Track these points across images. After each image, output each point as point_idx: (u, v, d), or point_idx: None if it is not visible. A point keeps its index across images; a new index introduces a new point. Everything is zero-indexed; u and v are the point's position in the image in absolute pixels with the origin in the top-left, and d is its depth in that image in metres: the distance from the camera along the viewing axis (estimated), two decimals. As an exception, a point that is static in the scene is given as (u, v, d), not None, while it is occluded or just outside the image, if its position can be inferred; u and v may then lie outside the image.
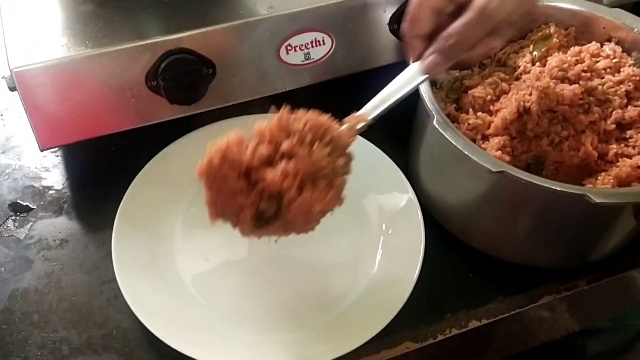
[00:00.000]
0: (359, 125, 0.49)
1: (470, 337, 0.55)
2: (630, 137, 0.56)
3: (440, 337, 0.53)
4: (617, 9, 0.63)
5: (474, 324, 0.54)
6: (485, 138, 0.56)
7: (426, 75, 0.50)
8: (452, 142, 0.49)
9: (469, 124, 0.56)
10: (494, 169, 0.47)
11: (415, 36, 0.49)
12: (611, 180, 0.52)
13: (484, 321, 0.54)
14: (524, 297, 0.56)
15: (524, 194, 0.50)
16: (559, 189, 0.46)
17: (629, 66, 0.59)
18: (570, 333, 0.85)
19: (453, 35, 0.47)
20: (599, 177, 0.53)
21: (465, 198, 0.55)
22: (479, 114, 0.57)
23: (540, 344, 0.67)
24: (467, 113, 0.57)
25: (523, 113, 0.55)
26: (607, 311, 0.71)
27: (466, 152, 0.48)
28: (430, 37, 0.49)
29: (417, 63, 0.50)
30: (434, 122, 0.52)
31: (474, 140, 0.55)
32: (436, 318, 0.54)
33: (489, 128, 0.56)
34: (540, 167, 0.55)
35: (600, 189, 0.49)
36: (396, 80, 0.51)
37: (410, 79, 0.50)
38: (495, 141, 0.55)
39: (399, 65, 0.65)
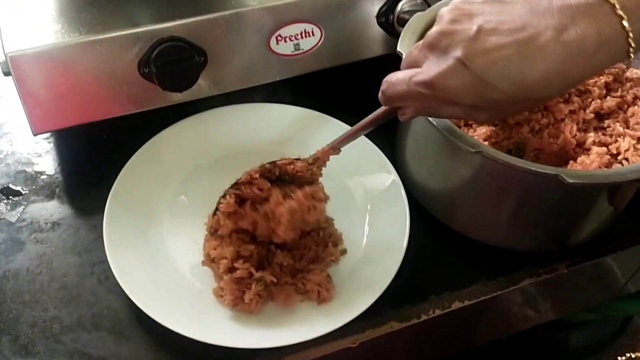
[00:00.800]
0: (330, 158, 0.54)
1: (453, 318, 0.56)
2: (608, 127, 0.58)
3: (424, 318, 0.54)
4: None
5: (456, 305, 0.55)
6: (469, 125, 0.58)
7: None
8: (434, 124, 0.51)
9: (452, 110, 0.57)
10: (472, 150, 0.48)
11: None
12: (579, 168, 0.53)
13: (467, 302, 0.55)
14: (505, 279, 0.57)
15: (503, 175, 0.51)
16: (533, 169, 0.47)
17: (609, 59, 0.61)
18: (554, 326, 0.86)
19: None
20: (569, 164, 0.55)
21: (447, 181, 0.57)
22: (463, 100, 0.58)
23: (522, 330, 0.68)
24: (451, 100, 0.59)
25: (505, 101, 0.57)
26: (586, 299, 0.73)
27: (446, 133, 0.50)
28: None
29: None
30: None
31: (458, 127, 0.56)
32: (420, 299, 0.55)
33: (471, 115, 0.57)
34: (520, 154, 0.56)
35: (574, 170, 0.51)
36: (368, 118, 0.52)
37: (379, 120, 0.51)
38: (482, 131, 0.57)
39: (387, 57, 0.67)
